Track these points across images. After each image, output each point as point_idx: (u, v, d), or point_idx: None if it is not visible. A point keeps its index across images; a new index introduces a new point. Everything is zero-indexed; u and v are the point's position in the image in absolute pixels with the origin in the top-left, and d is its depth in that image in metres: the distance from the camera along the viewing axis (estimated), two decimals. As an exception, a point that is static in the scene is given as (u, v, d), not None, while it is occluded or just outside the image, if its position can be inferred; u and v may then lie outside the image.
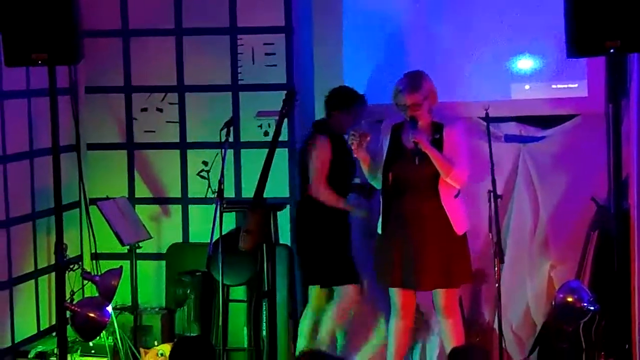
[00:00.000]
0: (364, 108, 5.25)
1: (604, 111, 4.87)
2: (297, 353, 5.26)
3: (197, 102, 5.81)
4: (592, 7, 4.13)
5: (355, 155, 4.89)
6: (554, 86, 5.15)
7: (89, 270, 5.47)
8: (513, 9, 5.30)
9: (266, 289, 5.26)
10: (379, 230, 5.00)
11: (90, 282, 5.22)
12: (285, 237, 5.63)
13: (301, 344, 5.31)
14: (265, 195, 5.16)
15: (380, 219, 4.98)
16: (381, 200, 4.97)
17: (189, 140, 5.84)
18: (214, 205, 4.96)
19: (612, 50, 4.15)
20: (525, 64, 5.35)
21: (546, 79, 5.25)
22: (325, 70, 5.51)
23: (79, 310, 4.71)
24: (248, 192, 5.50)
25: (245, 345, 5.44)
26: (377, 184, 4.99)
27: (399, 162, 4.88)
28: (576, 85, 5.28)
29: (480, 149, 4.92)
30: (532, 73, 5.34)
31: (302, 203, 5.35)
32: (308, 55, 5.62)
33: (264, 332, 5.35)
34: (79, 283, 5.35)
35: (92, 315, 4.69)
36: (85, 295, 5.42)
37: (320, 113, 5.53)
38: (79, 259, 5.73)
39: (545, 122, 5.37)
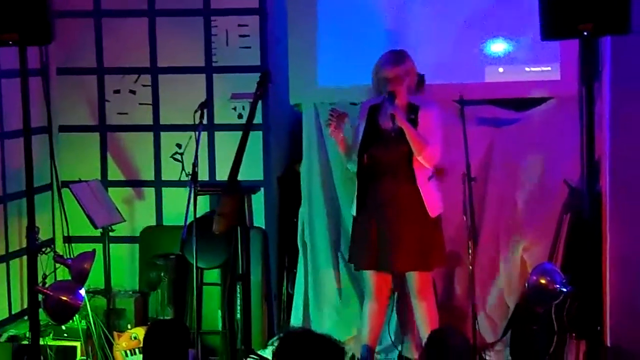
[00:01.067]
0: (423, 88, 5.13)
1: (577, 94, 4.88)
2: None
3: (170, 84, 5.77)
4: (565, -10, 4.14)
5: (331, 136, 4.88)
6: (527, 69, 5.16)
7: (61, 253, 5.43)
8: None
9: (240, 272, 5.25)
10: (353, 212, 5.00)
11: (62, 266, 5.18)
12: (259, 220, 5.62)
13: None
14: (239, 178, 5.15)
15: (355, 202, 4.98)
16: (356, 182, 4.97)
17: (162, 122, 5.81)
18: (187, 188, 4.93)
19: (585, 33, 4.16)
20: (499, 47, 5.35)
21: (520, 61, 5.26)
22: (300, 52, 5.48)
23: (51, 293, 4.67)
24: (222, 175, 5.48)
25: (220, 328, 5.43)
26: (353, 166, 4.99)
27: (375, 143, 4.88)
28: (549, 68, 5.29)
29: (455, 131, 4.93)
30: (505, 56, 5.34)
31: None
32: (282, 37, 5.59)
33: (239, 315, 5.34)
34: (51, 266, 5.30)
35: (64, 298, 4.65)
36: (58, 279, 5.38)
37: (294, 94, 5.51)
38: (51, 242, 5.69)
39: (519, 105, 5.39)
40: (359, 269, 5.08)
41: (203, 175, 5.54)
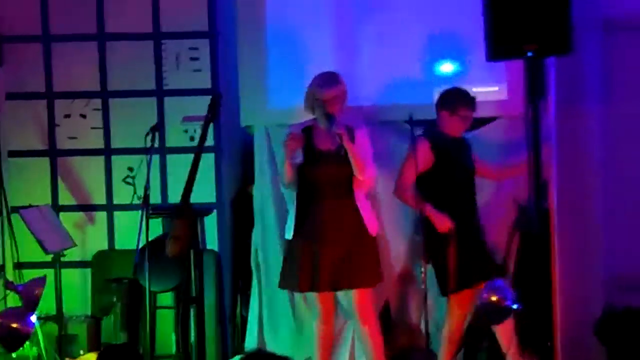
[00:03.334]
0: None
1: (523, 113, 4.96)
2: None
3: (121, 107, 5.76)
4: (509, 11, 4.23)
5: (297, 160, 4.84)
6: (474, 89, 5.24)
7: (11, 279, 5.37)
8: (434, 14, 5.37)
9: (194, 294, 5.23)
10: (288, 237, 4.99)
11: (13, 292, 5.12)
12: (212, 242, 5.61)
13: None
14: (191, 201, 5.14)
15: (292, 224, 4.96)
16: (295, 205, 4.97)
17: (113, 146, 5.79)
18: (140, 212, 4.92)
19: (529, 54, 4.25)
20: (447, 67, 5.43)
21: (467, 82, 5.34)
22: (250, 75, 5.51)
23: (1, 320, 4.62)
24: (174, 197, 5.47)
25: (174, 352, 5.40)
26: (292, 189, 4.99)
27: (315, 164, 4.89)
28: (497, 88, 5.39)
29: (403, 152, 4.98)
30: (453, 76, 5.42)
31: None
32: (233, 60, 5.61)
33: (193, 338, 5.32)
34: (1, 293, 5.25)
35: (14, 325, 4.61)
36: (8, 306, 5.32)
37: (245, 117, 5.53)
38: (1, 268, 5.62)
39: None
40: (294, 290, 5.09)
41: (155, 199, 5.53)
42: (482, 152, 5.28)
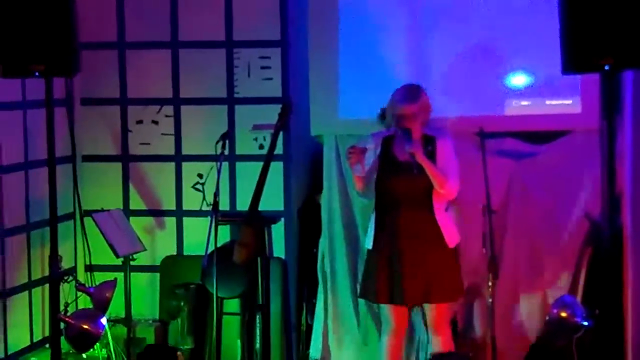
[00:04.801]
0: None
1: (597, 127, 4.88)
2: None
3: (192, 114, 5.83)
4: (586, 24, 4.16)
5: (358, 173, 4.83)
6: (548, 102, 5.17)
7: (83, 282, 5.46)
8: (508, 25, 5.33)
9: (260, 302, 5.26)
10: (369, 246, 4.98)
11: (84, 294, 5.21)
12: (279, 250, 5.63)
13: None
14: (260, 208, 5.17)
15: (372, 234, 4.96)
16: (374, 214, 4.97)
17: (184, 152, 5.85)
18: (208, 218, 4.96)
19: (606, 68, 4.18)
20: (519, 80, 5.37)
21: (540, 94, 5.27)
22: (321, 84, 5.53)
23: (72, 322, 4.70)
24: (243, 205, 5.50)
25: (239, 359, 5.43)
26: (370, 198, 4.99)
27: (393, 175, 4.89)
28: (570, 101, 5.31)
29: (475, 164, 4.94)
30: (526, 89, 5.36)
31: None
32: (304, 69, 5.64)
33: (258, 345, 5.34)
34: (73, 295, 5.34)
35: (86, 327, 4.68)
36: (79, 307, 5.41)
37: (315, 126, 5.55)
38: (73, 270, 5.73)
39: (539, 138, 5.40)
40: (370, 301, 5.06)
41: (224, 205, 5.58)
42: (555, 166, 5.21)
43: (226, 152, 5.10)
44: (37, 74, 4.56)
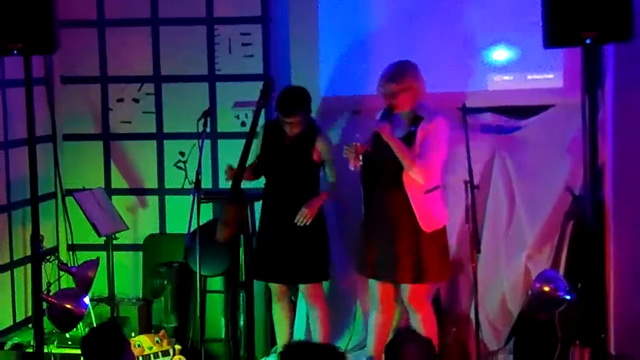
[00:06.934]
0: None
1: (579, 102, 4.89)
2: None
3: (173, 92, 5.79)
4: (567, -2, 4.16)
5: (352, 168, 4.78)
6: (530, 77, 5.17)
7: (65, 261, 5.44)
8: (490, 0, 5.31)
9: (243, 279, 5.26)
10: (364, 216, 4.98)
11: (66, 274, 5.19)
12: (262, 227, 5.61)
13: None
14: (242, 186, 5.16)
15: (362, 210, 4.97)
16: (362, 189, 4.97)
17: (165, 130, 5.82)
18: (190, 196, 4.94)
19: (588, 41, 4.17)
20: (501, 54, 5.36)
21: (522, 69, 5.26)
22: (302, 61, 5.50)
23: (55, 301, 4.68)
24: (225, 182, 5.49)
25: (223, 336, 5.44)
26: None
27: (376, 150, 4.85)
28: (552, 76, 5.31)
29: (457, 139, 4.94)
30: (508, 64, 5.36)
31: None
32: (285, 45, 5.61)
33: (242, 323, 5.35)
34: (56, 274, 5.32)
35: (68, 306, 4.67)
36: (62, 287, 5.39)
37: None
38: (55, 250, 5.70)
39: (522, 112, 5.39)
40: (362, 275, 5.07)
41: (206, 183, 5.56)
42: (536, 140, 5.21)
43: (208, 129, 5.08)
44: (15, 52, 4.52)
